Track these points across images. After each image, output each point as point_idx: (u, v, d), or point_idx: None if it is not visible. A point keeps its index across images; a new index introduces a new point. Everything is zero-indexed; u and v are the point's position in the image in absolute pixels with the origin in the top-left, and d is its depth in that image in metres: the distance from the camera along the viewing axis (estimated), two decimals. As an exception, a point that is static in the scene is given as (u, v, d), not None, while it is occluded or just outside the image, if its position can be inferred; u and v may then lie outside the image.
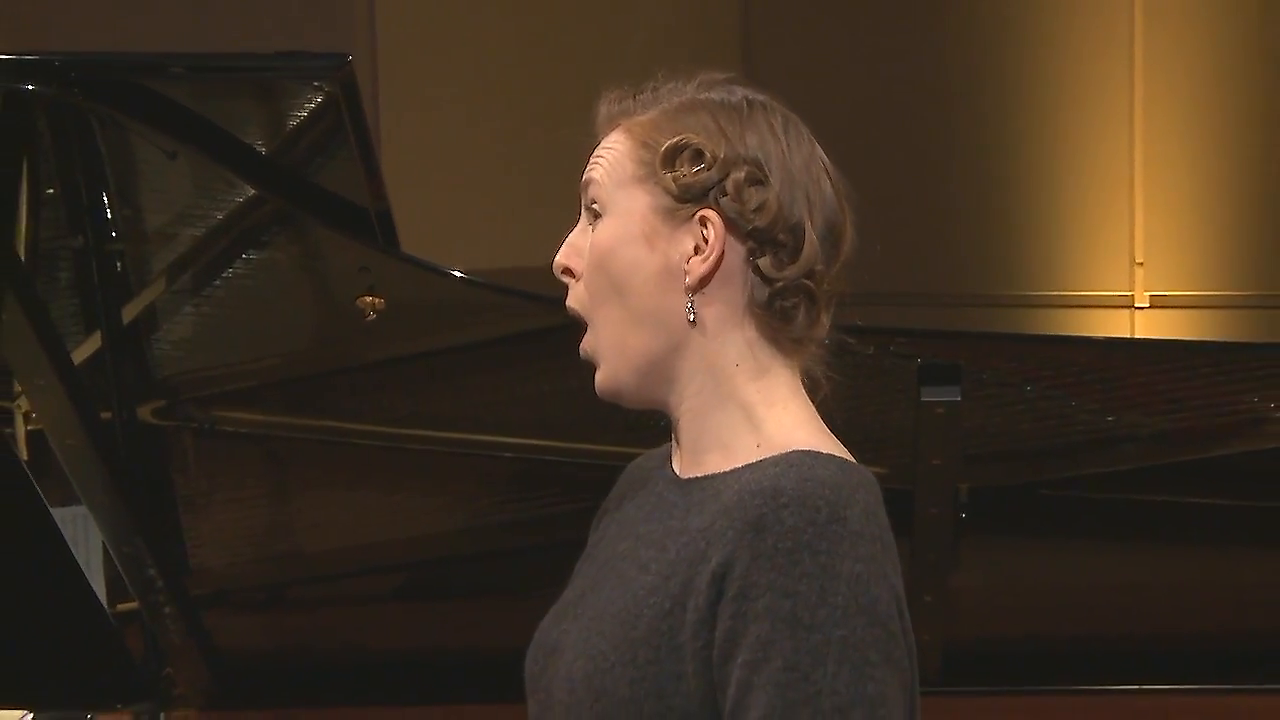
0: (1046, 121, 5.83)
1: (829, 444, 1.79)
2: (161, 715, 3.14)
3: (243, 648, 3.15)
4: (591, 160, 1.84)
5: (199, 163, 2.71)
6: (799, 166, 1.81)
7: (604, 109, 1.86)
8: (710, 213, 1.78)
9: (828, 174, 1.85)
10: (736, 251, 1.79)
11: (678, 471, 1.85)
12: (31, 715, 3.13)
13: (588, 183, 1.83)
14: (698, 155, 1.78)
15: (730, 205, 1.77)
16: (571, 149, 1.90)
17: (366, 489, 3.11)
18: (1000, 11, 5.87)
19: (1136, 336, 5.62)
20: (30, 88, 2.50)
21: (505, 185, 5.57)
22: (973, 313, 5.78)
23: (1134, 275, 5.81)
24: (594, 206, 1.82)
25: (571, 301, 1.84)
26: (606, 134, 1.85)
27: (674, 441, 1.87)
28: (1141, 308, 5.80)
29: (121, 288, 2.88)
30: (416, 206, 2.87)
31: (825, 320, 1.84)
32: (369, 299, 2.78)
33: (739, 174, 1.78)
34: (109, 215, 2.80)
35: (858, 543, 1.66)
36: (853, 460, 1.77)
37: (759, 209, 1.78)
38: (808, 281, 1.80)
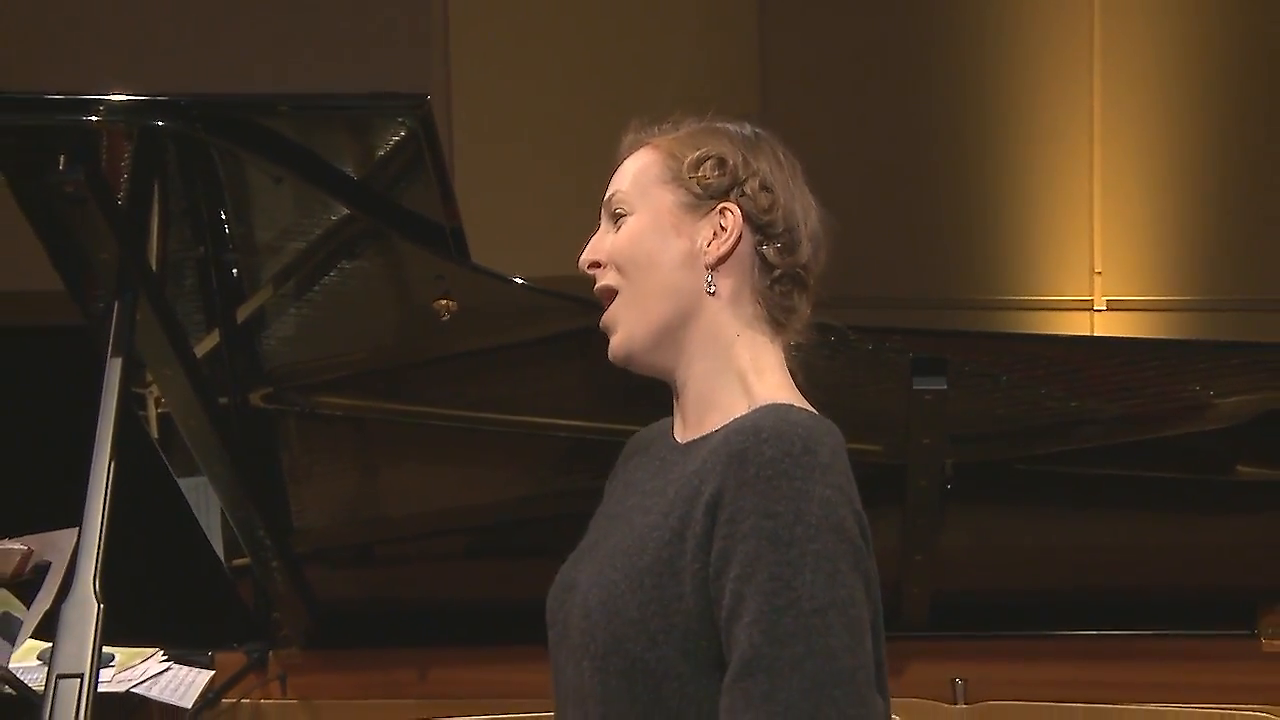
0: (1018, 152, 5.81)
1: (798, 399, 1.85)
2: (270, 653, 3.16)
3: (336, 596, 3.16)
4: (616, 176, 1.91)
5: (301, 187, 2.70)
6: (796, 190, 1.91)
7: (629, 137, 1.94)
8: (730, 205, 1.86)
9: (813, 203, 1.94)
10: (748, 240, 1.87)
11: (679, 439, 1.88)
12: (162, 652, 3.15)
13: (613, 194, 1.90)
14: (721, 162, 1.87)
15: (747, 201, 1.86)
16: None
17: (440, 462, 3.11)
18: (978, 54, 5.85)
19: (1095, 335, 5.59)
20: (161, 124, 2.50)
21: (560, 203, 5.56)
22: (954, 315, 5.77)
23: (1093, 282, 5.79)
24: (618, 211, 1.88)
25: (603, 281, 1.88)
26: (627, 156, 1.93)
27: (676, 412, 1.90)
28: (1100, 310, 5.78)
29: (236, 292, 2.88)
30: (484, 223, 2.87)
31: (808, 308, 1.92)
32: (444, 302, 2.78)
33: (754, 181, 1.87)
34: (226, 231, 2.80)
35: (827, 472, 1.70)
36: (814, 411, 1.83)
37: (769, 207, 1.87)
38: (801, 271, 1.89)
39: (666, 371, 1.88)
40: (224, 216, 2.79)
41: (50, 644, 2.35)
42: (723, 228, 1.85)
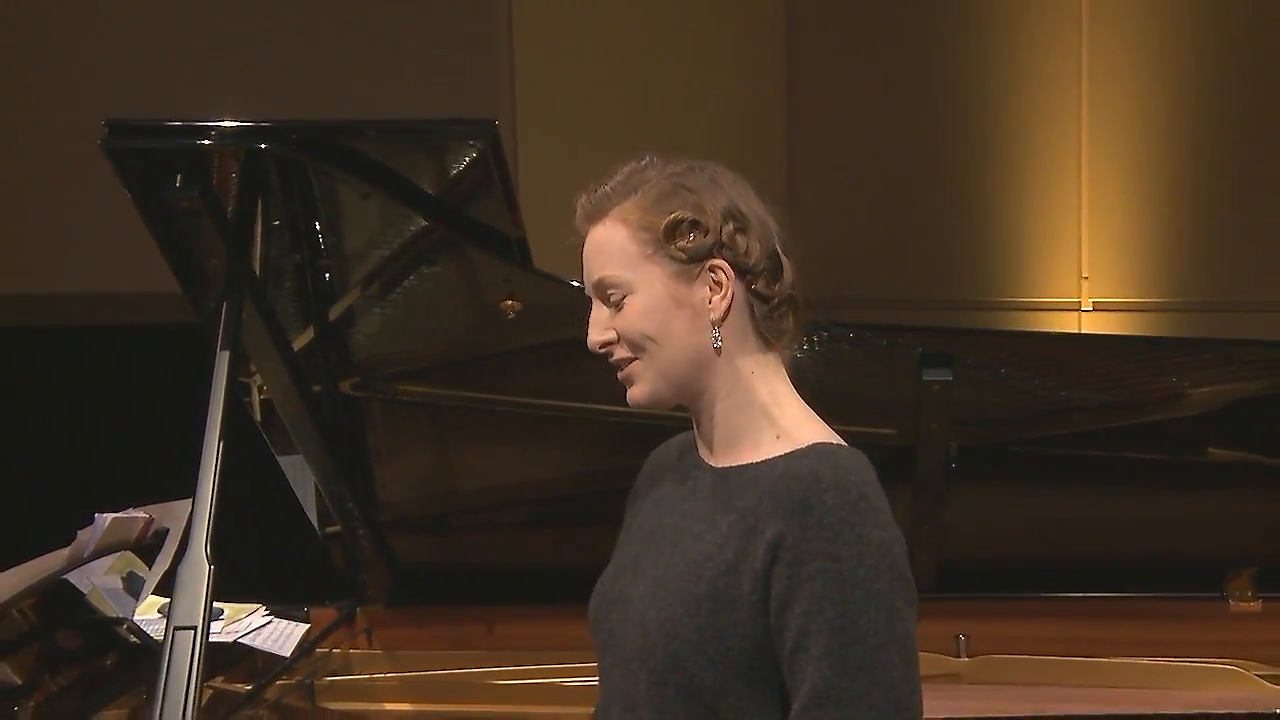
0: (1013, 168, 5.79)
1: (826, 432, 1.79)
2: (357, 609, 3.16)
3: (416, 559, 3.16)
4: (595, 259, 1.77)
5: (385, 201, 2.70)
6: (753, 207, 1.80)
7: (583, 207, 1.80)
8: (719, 262, 1.75)
9: (769, 210, 1.83)
10: (739, 286, 1.77)
11: (709, 461, 1.81)
12: (264, 608, 3.16)
13: (601, 279, 1.77)
14: (695, 224, 1.75)
15: (729, 253, 1.76)
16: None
17: (506, 443, 3.11)
18: (976, 79, 5.82)
19: (1083, 333, 5.57)
20: (265, 146, 2.51)
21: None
22: (956, 314, 5.75)
23: (1081, 286, 5.77)
24: (612, 294, 1.77)
25: (619, 355, 1.78)
26: (591, 227, 1.78)
27: (697, 435, 1.83)
28: (1087, 310, 5.75)
29: (328, 293, 2.88)
30: (547, 233, 2.88)
31: (800, 317, 1.83)
32: (510, 303, 2.77)
33: (728, 228, 1.76)
34: (320, 240, 2.79)
35: (878, 515, 1.68)
36: (845, 443, 1.78)
37: (748, 250, 1.77)
38: (791, 291, 1.80)
39: (687, 406, 1.81)
40: (318, 227, 2.79)
41: (168, 600, 2.37)
42: (716, 283, 1.76)
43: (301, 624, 3.13)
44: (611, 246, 1.76)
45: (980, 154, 5.84)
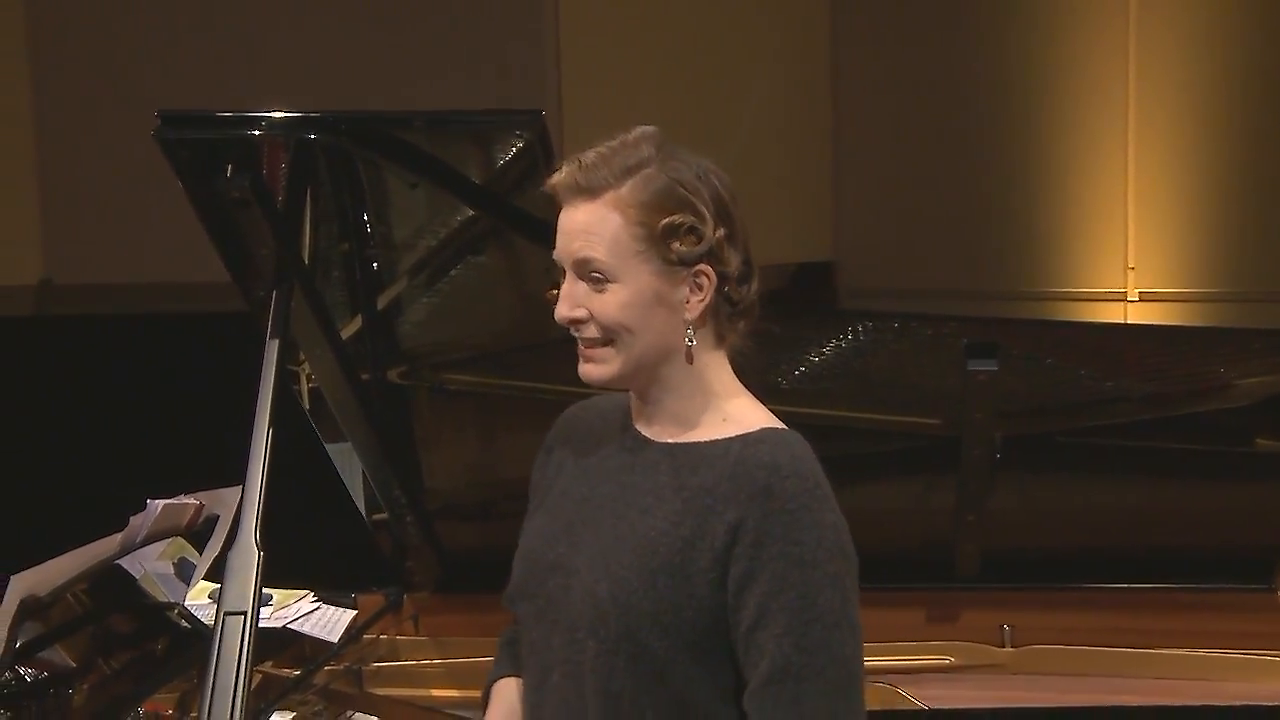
0: (1059, 160, 5.76)
1: (771, 417, 1.84)
2: (404, 595, 3.16)
3: (462, 546, 3.16)
4: (580, 237, 1.77)
5: (433, 191, 2.71)
6: (737, 213, 1.83)
7: (572, 176, 1.79)
8: (705, 268, 1.78)
9: (722, 178, 1.84)
10: (716, 288, 1.81)
11: (651, 436, 1.84)
12: (312, 594, 3.18)
13: (586, 260, 1.77)
14: (693, 230, 1.77)
15: (717, 263, 1.79)
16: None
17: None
18: (1022, 68, 5.79)
19: (1129, 323, 5.53)
20: (314, 136, 2.53)
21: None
22: (1002, 304, 5.73)
23: (1127, 276, 5.73)
24: (595, 274, 1.77)
25: (588, 334, 1.80)
26: (581, 201, 1.78)
27: (636, 409, 1.85)
28: (1133, 301, 5.72)
29: (376, 282, 2.89)
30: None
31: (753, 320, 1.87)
32: (555, 292, 2.77)
33: (719, 235, 1.78)
34: (368, 229, 2.81)
35: (829, 501, 1.76)
36: (787, 427, 1.83)
37: (731, 258, 1.80)
38: (756, 296, 1.84)
39: (634, 388, 1.84)
40: (366, 217, 2.80)
41: (219, 585, 2.39)
42: (698, 286, 1.79)
43: (349, 610, 3.14)
44: (605, 231, 1.77)
45: (1026, 144, 5.81)
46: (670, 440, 1.83)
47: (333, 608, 3.14)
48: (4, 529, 4.27)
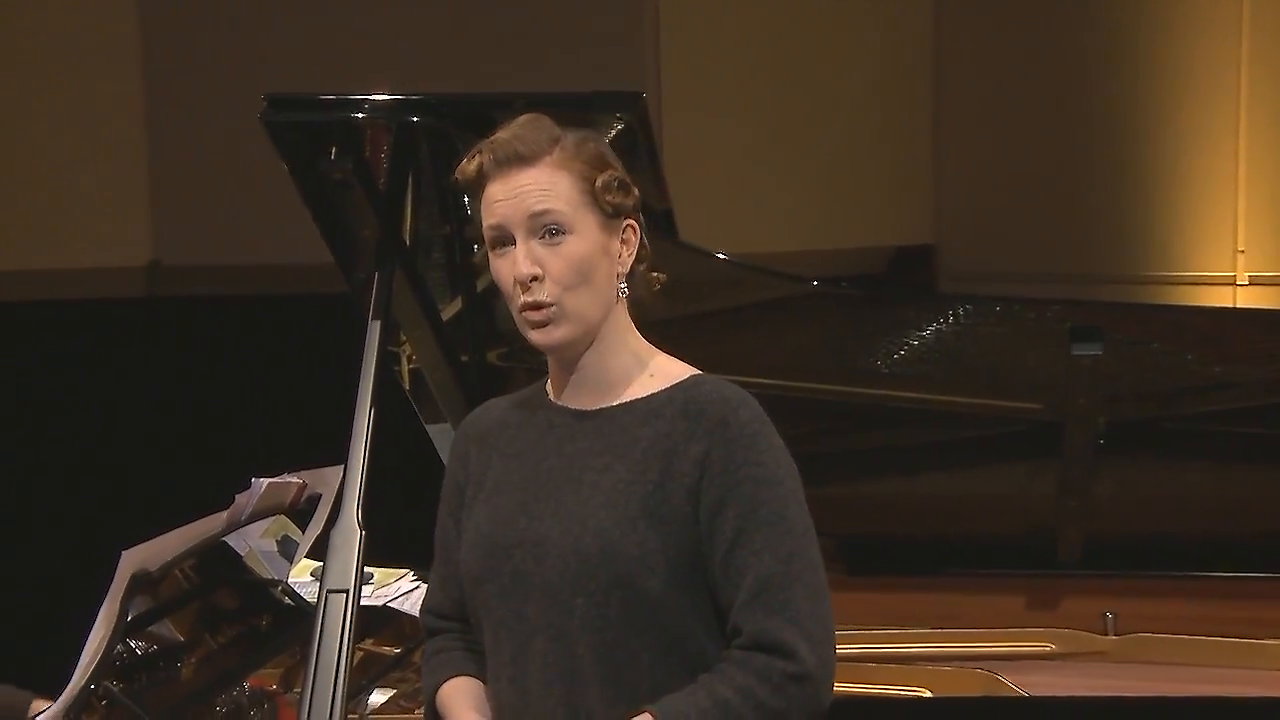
0: (1168, 141, 5.66)
1: (690, 367, 1.94)
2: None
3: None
4: (534, 194, 1.86)
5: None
6: None
7: (503, 151, 1.87)
8: (632, 222, 1.91)
9: None
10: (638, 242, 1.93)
11: (576, 407, 1.92)
12: (411, 573, 3.21)
13: (546, 211, 1.86)
14: (623, 184, 1.90)
15: (636, 214, 1.92)
16: (803, 164, 1.90)
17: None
18: (1130, 44, 5.69)
19: (1239, 307, 5.43)
20: (416, 119, 2.55)
21: (756, 187, 5.58)
22: (1108, 288, 5.64)
23: (1236, 259, 5.62)
24: (553, 226, 1.86)
25: (540, 295, 1.87)
26: (521, 169, 1.86)
27: (564, 382, 1.93)
28: (1242, 285, 5.61)
29: (475, 264, 2.87)
30: (691, 204, 2.88)
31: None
32: (654, 275, 2.77)
33: (636, 191, 1.92)
34: (468, 211, 2.82)
35: (771, 426, 1.89)
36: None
37: (642, 211, 1.93)
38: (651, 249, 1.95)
39: (576, 354, 1.92)
40: (467, 199, 2.80)
41: (321, 563, 2.42)
42: (625, 241, 1.90)
43: (448, 589, 3.15)
44: (558, 188, 1.87)
45: (1132, 123, 5.71)
46: (605, 405, 1.91)
47: (432, 586, 3.15)
48: (115, 506, 4.36)
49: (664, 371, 1.93)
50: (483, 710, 1.93)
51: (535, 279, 1.86)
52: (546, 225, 1.86)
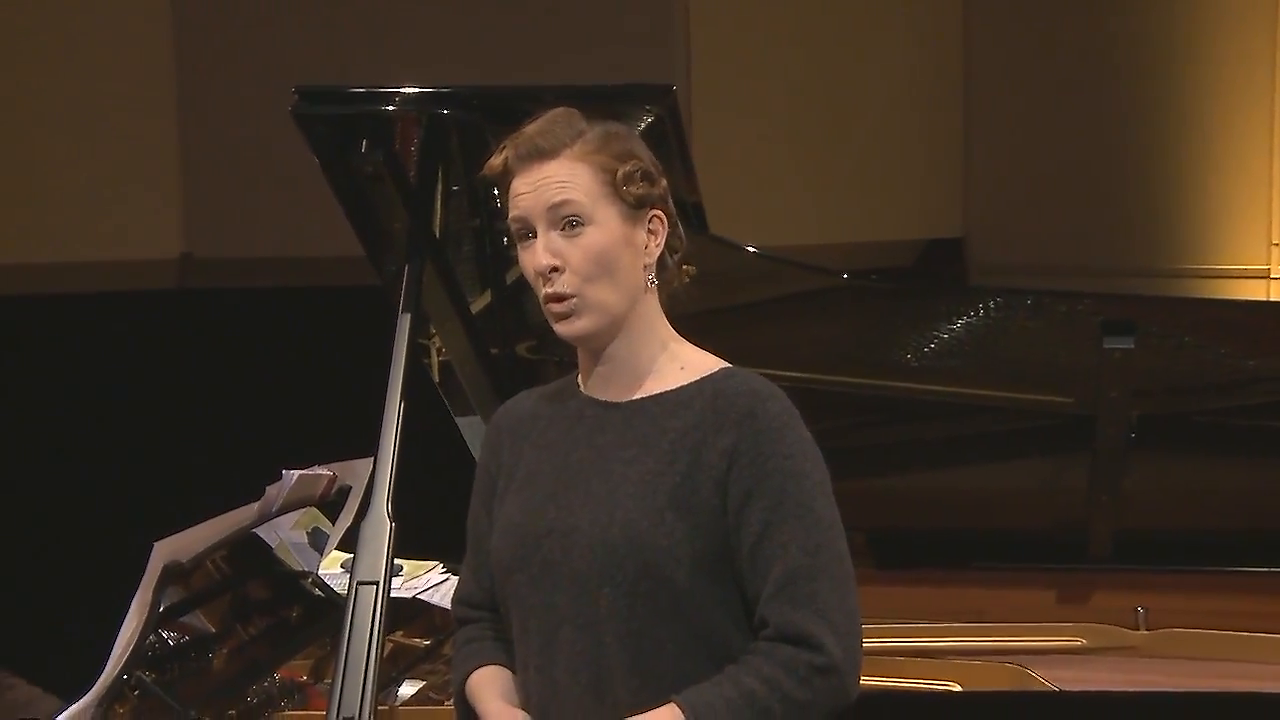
0: (1200, 133, 5.62)
1: (720, 360, 1.95)
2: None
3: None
4: (553, 186, 1.88)
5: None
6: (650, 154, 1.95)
7: (524, 146, 1.89)
8: (658, 211, 1.92)
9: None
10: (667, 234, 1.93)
11: (606, 399, 1.93)
12: (441, 566, 3.22)
13: (565, 202, 1.88)
14: (645, 174, 1.91)
15: (661, 203, 1.92)
16: (833, 158, 1.90)
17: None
18: (1163, 33, 5.66)
19: (1273, 300, 5.39)
20: (446, 111, 2.55)
21: (785, 180, 5.56)
22: (1140, 281, 5.61)
23: (1271, 253, 5.59)
24: (572, 218, 1.88)
25: (561, 286, 1.89)
26: (541, 164, 1.88)
27: (595, 375, 1.94)
28: (1276, 278, 5.57)
29: (505, 257, 2.86)
30: (721, 197, 2.87)
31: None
32: (685, 268, 2.76)
33: (664, 182, 1.93)
34: (498, 204, 2.81)
35: (799, 419, 1.89)
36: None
37: (671, 206, 1.94)
38: (684, 243, 1.97)
39: (603, 344, 1.93)
40: (496, 192, 2.79)
41: (351, 555, 2.43)
42: (652, 231, 1.91)
43: (478, 581, 3.16)
44: (577, 180, 1.88)
45: (1165, 115, 5.68)
46: (635, 397, 1.92)
47: (462, 579, 3.16)
48: (147, 498, 4.38)
49: (694, 364, 1.93)
50: (511, 699, 1.94)
51: (555, 270, 1.88)
52: (565, 217, 1.88)
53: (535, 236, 1.90)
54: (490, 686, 1.96)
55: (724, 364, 1.94)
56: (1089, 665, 2.91)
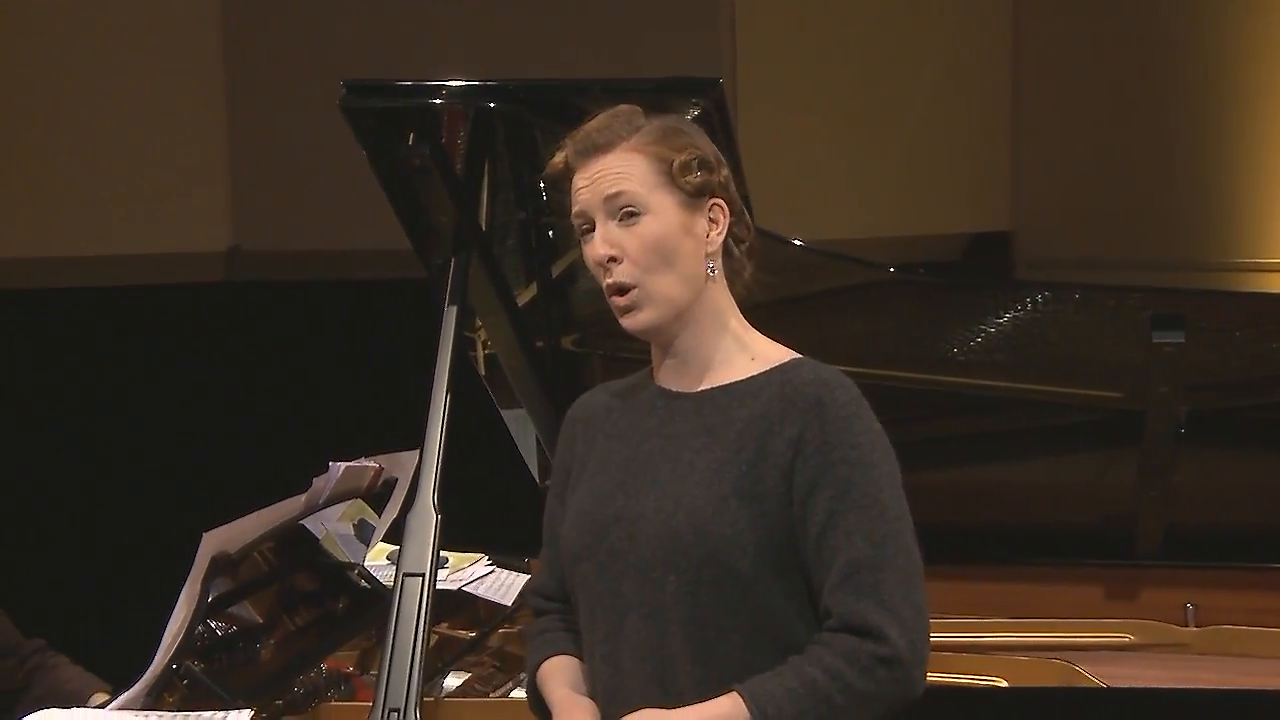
0: (1254, 126, 5.57)
1: (791, 351, 1.95)
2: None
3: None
4: (609, 178, 1.89)
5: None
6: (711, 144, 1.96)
7: (581, 143, 1.91)
8: (718, 200, 1.92)
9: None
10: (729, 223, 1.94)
11: (680, 389, 1.94)
12: (486, 558, 3.23)
13: (620, 192, 1.88)
14: (704, 163, 1.91)
15: (723, 191, 1.93)
16: (880, 151, 1.90)
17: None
18: (1216, 24, 5.60)
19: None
20: (493, 105, 2.55)
21: (832, 174, 5.55)
22: (1191, 275, 5.56)
23: (1323, 246, 5.53)
24: (627, 209, 1.88)
25: (620, 276, 1.89)
26: (598, 158, 1.90)
27: (665, 365, 1.95)
28: (1328, 272, 5.52)
29: (551, 251, 2.90)
30: (767, 190, 2.86)
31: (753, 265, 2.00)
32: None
33: (724, 171, 1.93)
34: (544, 198, 2.83)
35: (869, 409, 1.89)
36: None
37: (734, 195, 1.95)
38: (751, 235, 1.98)
39: (670, 336, 1.94)
40: (542, 185, 2.80)
41: (397, 547, 2.44)
42: (713, 220, 1.92)
43: (522, 574, 3.16)
44: (632, 170, 1.89)
45: (1216, 107, 5.62)
46: (705, 387, 1.93)
47: (506, 571, 3.17)
48: (194, 489, 4.42)
49: (765, 354, 1.94)
50: (579, 688, 1.95)
51: (613, 260, 1.89)
52: (622, 207, 1.89)
53: (595, 229, 1.91)
54: (559, 675, 1.98)
55: (795, 354, 1.94)
56: (1137, 662, 2.89)
